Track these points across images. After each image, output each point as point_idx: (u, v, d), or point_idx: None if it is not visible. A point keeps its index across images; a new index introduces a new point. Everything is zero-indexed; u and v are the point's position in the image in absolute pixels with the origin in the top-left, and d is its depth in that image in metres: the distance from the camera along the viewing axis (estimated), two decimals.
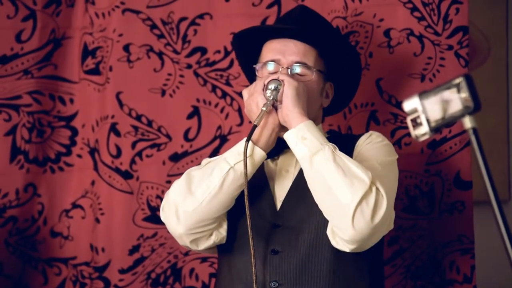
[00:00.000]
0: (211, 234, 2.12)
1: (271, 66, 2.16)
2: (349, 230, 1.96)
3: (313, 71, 2.16)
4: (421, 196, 2.53)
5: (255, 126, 2.04)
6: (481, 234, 2.66)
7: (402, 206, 2.52)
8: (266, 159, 2.11)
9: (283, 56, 2.16)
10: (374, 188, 1.97)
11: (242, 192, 2.06)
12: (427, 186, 2.53)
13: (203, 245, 2.13)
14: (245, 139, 2.05)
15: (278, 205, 2.14)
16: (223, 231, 2.13)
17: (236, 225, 2.13)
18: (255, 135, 2.07)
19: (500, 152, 3.38)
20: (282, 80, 2.08)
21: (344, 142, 2.17)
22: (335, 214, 1.99)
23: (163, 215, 2.13)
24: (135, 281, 2.65)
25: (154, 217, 2.65)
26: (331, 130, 2.51)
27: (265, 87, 2.08)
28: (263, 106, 2.05)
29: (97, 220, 2.66)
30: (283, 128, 2.10)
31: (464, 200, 2.51)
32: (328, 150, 2.00)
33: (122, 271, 2.65)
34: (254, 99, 2.10)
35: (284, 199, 2.13)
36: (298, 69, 2.15)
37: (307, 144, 2.02)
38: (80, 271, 2.68)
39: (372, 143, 2.16)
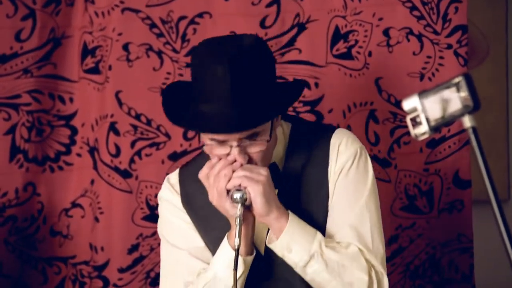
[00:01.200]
0: None
1: (220, 148, 1.95)
2: None
3: (265, 139, 1.95)
4: (420, 195, 2.54)
5: (237, 250, 1.88)
6: (480, 233, 2.66)
7: (401, 205, 2.52)
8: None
9: (229, 136, 1.92)
10: (373, 274, 1.94)
11: None
12: (426, 185, 2.53)
13: None
14: (231, 251, 1.93)
15: (262, 248, 2.02)
16: None
17: None
18: (241, 252, 1.93)
19: (500, 151, 3.38)
20: (245, 187, 1.91)
21: (311, 142, 2.04)
22: None
23: None
24: (134, 280, 2.65)
25: (153, 216, 2.64)
26: (295, 119, 2.17)
27: (230, 196, 1.92)
28: (237, 222, 1.89)
29: (96, 219, 2.66)
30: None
31: (463, 199, 2.51)
32: (318, 258, 1.92)
33: (121, 270, 2.65)
34: (221, 204, 1.93)
35: (267, 236, 2.00)
36: (249, 142, 1.94)
37: (294, 255, 1.93)
38: (80, 270, 2.68)
39: (346, 174, 2.01)
